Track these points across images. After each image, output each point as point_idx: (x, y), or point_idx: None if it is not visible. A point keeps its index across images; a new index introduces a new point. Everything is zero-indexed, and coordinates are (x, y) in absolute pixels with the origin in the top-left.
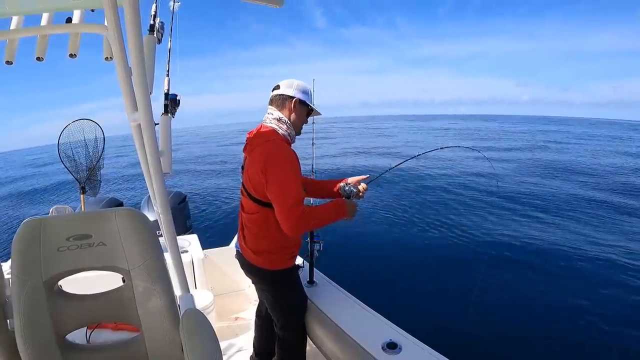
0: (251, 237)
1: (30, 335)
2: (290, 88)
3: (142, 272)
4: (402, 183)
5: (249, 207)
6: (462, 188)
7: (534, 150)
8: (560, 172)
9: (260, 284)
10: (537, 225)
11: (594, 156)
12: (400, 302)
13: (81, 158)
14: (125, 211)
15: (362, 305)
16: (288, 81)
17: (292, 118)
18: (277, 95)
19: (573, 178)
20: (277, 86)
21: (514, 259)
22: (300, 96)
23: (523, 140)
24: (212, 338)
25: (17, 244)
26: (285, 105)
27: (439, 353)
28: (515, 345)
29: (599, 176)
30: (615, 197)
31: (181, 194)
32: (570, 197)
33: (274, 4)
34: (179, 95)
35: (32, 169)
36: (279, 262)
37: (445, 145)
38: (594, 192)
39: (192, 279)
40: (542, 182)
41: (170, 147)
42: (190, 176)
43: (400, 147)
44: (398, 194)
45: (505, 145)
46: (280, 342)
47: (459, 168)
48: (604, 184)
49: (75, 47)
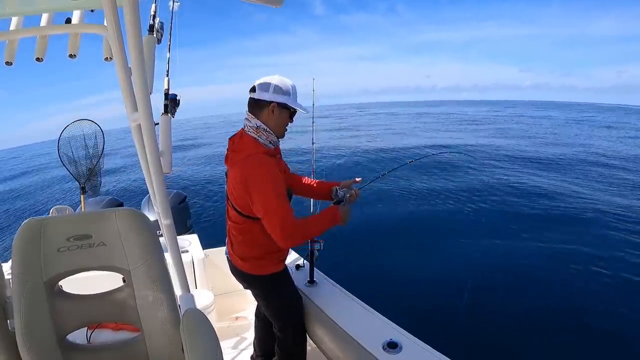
0: (238, 244)
1: (30, 335)
2: (267, 92)
3: (143, 272)
4: (403, 179)
5: (234, 217)
6: (463, 185)
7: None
8: (567, 164)
9: (251, 289)
10: (539, 225)
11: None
12: (400, 302)
13: (81, 158)
14: (126, 211)
15: (362, 304)
16: (264, 82)
17: (272, 124)
18: (253, 100)
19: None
20: (253, 88)
21: (514, 259)
22: (279, 100)
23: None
24: (212, 338)
25: (18, 244)
26: (262, 111)
27: (439, 352)
28: (516, 345)
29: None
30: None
31: (181, 194)
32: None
33: (274, 4)
34: (178, 95)
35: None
36: (267, 267)
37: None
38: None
39: (193, 278)
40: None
41: (171, 147)
42: (190, 176)
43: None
44: (397, 191)
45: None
46: (280, 343)
47: (458, 166)
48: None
49: (75, 48)
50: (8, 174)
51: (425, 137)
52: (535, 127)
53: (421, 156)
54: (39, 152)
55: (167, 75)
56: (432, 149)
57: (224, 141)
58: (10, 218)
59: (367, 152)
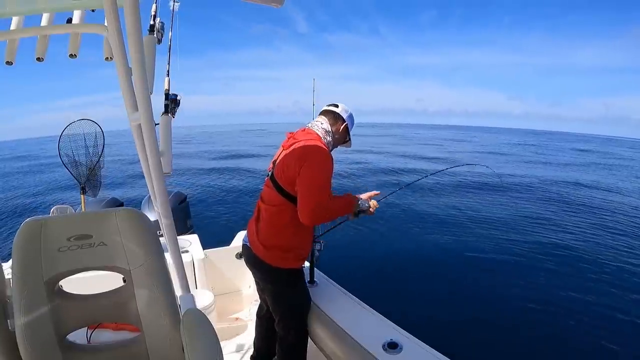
0: (266, 230)
1: (30, 335)
2: (346, 114)
3: (143, 272)
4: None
5: (272, 199)
6: (464, 190)
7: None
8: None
9: (265, 281)
10: (541, 228)
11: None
12: (400, 302)
13: (81, 158)
14: (126, 211)
15: (362, 304)
16: (345, 107)
17: (337, 136)
18: (334, 112)
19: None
20: (336, 105)
21: (515, 259)
22: (349, 123)
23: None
24: (212, 338)
25: (18, 244)
26: (336, 123)
27: (439, 353)
28: (516, 344)
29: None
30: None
31: (182, 194)
32: None
33: (274, 4)
34: (179, 95)
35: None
36: (288, 261)
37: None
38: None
39: (193, 279)
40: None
41: (171, 147)
42: (190, 176)
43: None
44: (400, 195)
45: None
46: (281, 342)
47: (463, 176)
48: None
49: (76, 48)
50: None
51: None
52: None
53: (422, 176)
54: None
55: (168, 75)
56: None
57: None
58: (11, 218)
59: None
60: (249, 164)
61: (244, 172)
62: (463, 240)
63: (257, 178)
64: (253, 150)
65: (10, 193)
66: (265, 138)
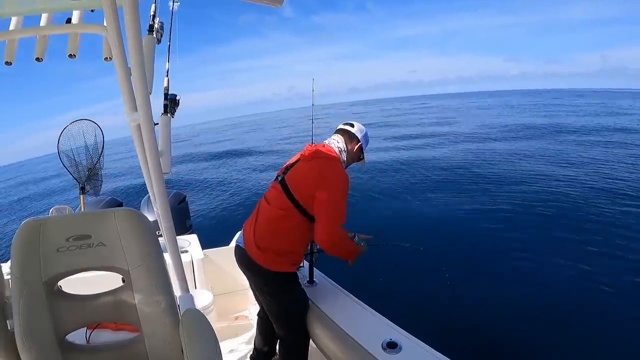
0: (264, 232)
1: (30, 335)
2: (361, 134)
3: (142, 272)
4: (404, 177)
5: (281, 203)
6: (467, 188)
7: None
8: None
9: (259, 284)
10: (542, 224)
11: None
12: (400, 302)
13: (81, 158)
14: (125, 211)
15: (362, 304)
16: (362, 127)
17: (351, 155)
18: (349, 132)
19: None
20: (352, 124)
21: (515, 259)
22: (363, 143)
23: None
24: (212, 338)
25: (17, 245)
26: (351, 142)
27: (439, 352)
28: (516, 344)
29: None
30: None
31: (181, 194)
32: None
33: (274, 3)
34: (178, 95)
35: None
36: (282, 265)
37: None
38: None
39: (192, 279)
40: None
41: (170, 147)
42: (190, 176)
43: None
44: (399, 189)
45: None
46: (282, 342)
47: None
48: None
49: (75, 48)
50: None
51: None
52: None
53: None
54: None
55: (167, 75)
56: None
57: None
58: (10, 218)
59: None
60: (248, 164)
61: (244, 172)
62: (463, 240)
63: (258, 178)
64: (252, 147)
65: (9, 196)
66: (263, 133)
